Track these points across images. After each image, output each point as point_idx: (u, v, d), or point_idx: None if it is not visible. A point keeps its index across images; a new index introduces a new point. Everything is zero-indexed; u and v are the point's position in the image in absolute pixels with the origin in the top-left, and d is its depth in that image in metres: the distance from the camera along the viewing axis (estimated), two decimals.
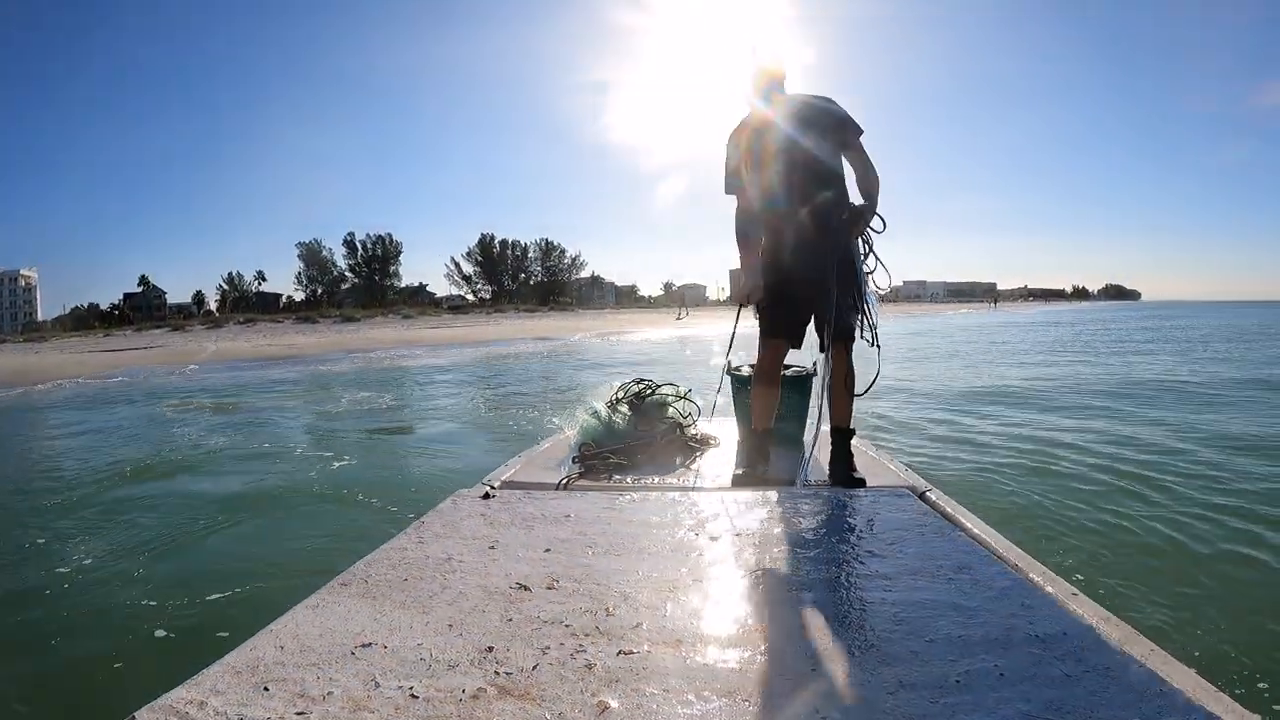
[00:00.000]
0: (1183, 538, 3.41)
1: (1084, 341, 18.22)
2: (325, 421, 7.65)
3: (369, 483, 4.60)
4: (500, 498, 2.00)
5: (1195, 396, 7.97)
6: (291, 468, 5.24)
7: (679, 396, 3.05)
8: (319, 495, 4.44)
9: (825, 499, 1.97)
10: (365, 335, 21.51)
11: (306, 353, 15.90)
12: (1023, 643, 1.07)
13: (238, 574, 3.02)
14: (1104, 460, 5.06)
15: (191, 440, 6.56)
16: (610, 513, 1.84)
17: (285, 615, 1.17)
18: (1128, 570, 3.00)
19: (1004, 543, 1.60)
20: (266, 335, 21.54)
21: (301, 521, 3.93)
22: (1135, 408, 7.23)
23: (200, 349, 18.27)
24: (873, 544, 1.57)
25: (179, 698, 0.91)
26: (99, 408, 9.66)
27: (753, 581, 1.36)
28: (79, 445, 6.67)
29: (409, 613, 1.19)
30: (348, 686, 0.95)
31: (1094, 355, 13.89)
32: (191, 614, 2.67)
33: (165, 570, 3.15)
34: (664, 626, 1.15)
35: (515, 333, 23.43)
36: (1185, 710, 0.89)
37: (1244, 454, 5.10)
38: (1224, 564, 3.05)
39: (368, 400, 9.26)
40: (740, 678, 0.98)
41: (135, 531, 3.75)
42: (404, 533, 1.64)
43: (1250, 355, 13.23)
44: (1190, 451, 5.26)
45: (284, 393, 10.52)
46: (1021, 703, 0.91)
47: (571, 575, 1.39)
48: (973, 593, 1.27)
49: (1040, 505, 3.98)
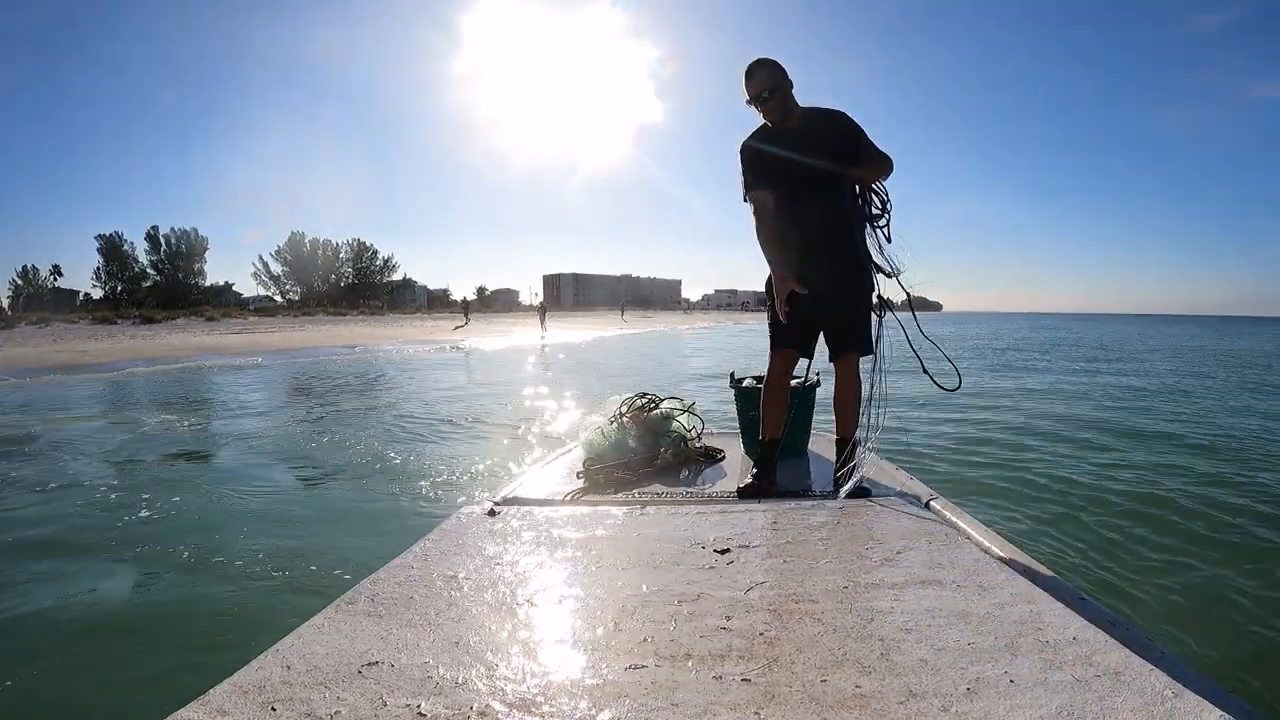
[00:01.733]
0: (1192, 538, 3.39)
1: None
2: (119, 458, 5.74)
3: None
4: (505, 514, 2.00)
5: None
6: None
7: (683, 409, 3.07)
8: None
9: (831, 509, 1.96)
10: (165, 341, 19.64)
11: (100, 360, 13.95)
12: (1032, 649, 1.07)
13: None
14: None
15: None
16: (615, 527, 1.84)
17: (291, 634, 1.17)
18: (1137, 574, 3.00)
19: (1010, 549, 1.60)
20: (59, 340, 19.12)
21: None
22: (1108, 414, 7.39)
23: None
24: (880, 553, 1.56)
25: (185, 718, 0.91)
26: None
27: (760, 593, 1.35)
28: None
29: (415, 631, 1.19)
30: (355, 705, 0.95)
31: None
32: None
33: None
34: (671, 640, 1.15)
35: (323, 340, 22.03)
36: (1197, 714, 0.87)
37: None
38: (1234, 565, 3.06)
39: (165, 432, 6.88)
40: (749, 690, 0.98)
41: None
42: (409, 550, 1.64)
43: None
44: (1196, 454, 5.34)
45: (70, 414, 8.13)
46: (1032, 709, 0.90)
47: (577, 590, 1.39)
48: (980, 600, 1.27)
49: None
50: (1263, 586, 2.86)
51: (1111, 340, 28.58)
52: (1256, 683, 2.14)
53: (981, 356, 17.51)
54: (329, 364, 14.35)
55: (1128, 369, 14.52)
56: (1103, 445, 6.02)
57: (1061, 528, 3.68)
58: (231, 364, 14.27)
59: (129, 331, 23.58)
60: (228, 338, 21.89)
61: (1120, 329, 48.68)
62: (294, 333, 25.33)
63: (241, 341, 20.33)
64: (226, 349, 17.76)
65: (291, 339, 22.11)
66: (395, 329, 29.29)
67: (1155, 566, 3.09)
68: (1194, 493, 4.34)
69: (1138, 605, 2.65)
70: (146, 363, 13.88)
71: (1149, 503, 4.11)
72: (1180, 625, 2.51)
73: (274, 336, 22.81)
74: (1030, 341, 26.55)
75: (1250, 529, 3.62)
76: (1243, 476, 4.85)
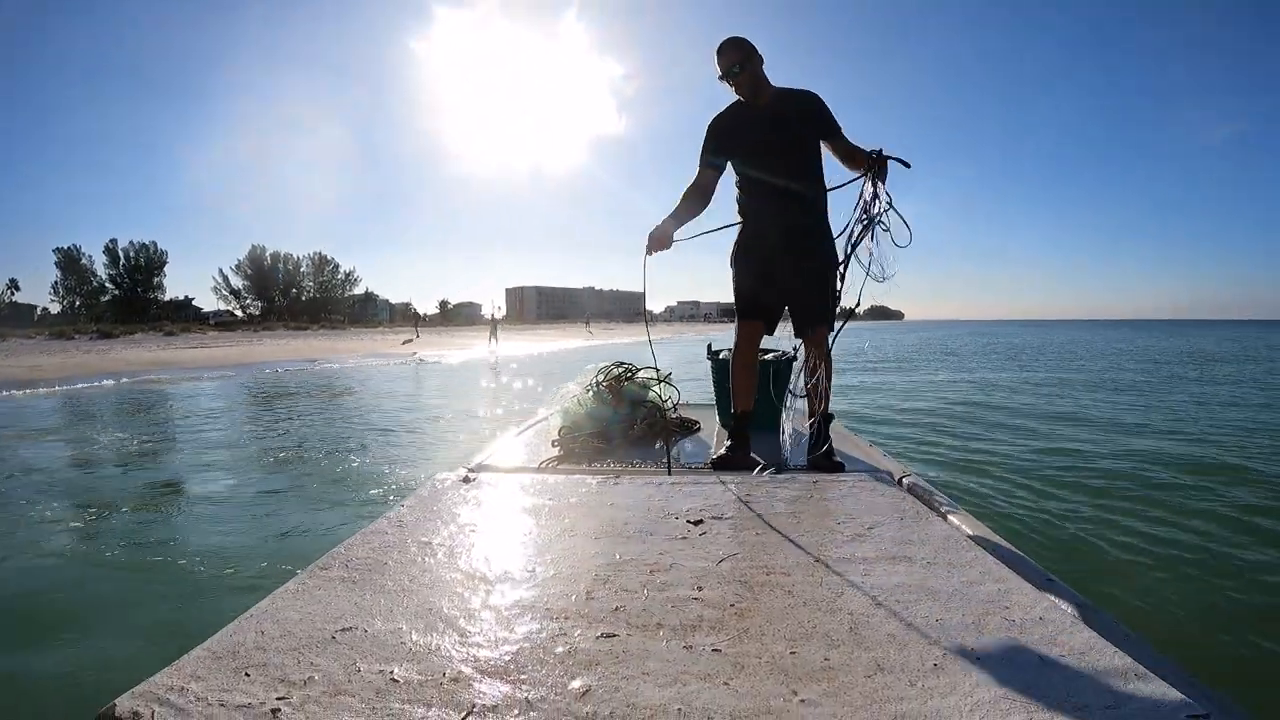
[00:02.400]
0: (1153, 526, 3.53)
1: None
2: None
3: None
4: (479, 481, 2.00)
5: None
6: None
7: (659, 380, 3.06)
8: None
9: (804, 483, 1.97)
10: (120, 356, 19.08)
11: (49, 375, 13.47)
12: (999, 627, 1.08)
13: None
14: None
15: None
16: (589, 496, 1.85)
17: (266, 600, 1.16)
18: (1107, 558, 3.08)
19: (981, 528, 1.61)
20: (11, 355, 18.57)
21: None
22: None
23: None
24: (851, 528, 1.58)
25: (159, 684, 0.90)
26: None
27: (732, 565, 1.36)
28: None
29: (389, 597, 1.19)
30: (328, 670, 0.95)
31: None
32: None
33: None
34: (643, 609, 1.15)
35: (282, 354, 21.47)
36: (1160, 694, 0.89)
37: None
38: (1200, 553, 3.14)
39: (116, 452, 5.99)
40: (719, 660, 0.99)
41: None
42: (384, 516, 1.63)
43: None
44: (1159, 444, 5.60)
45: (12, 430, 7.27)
46: (997, 686, 0.91)
47: (550, 558, 1.39)
48: (949, 577, 1.28)
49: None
50: (1226, 569, 2.95)
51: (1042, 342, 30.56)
52: (1221, 667, 2.19)
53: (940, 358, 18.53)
54: (285, 378, 14.06)
55: (1092, 367, 15.54)
56: (1073, 435, 6.31)
57: (1032, 509, 3.79)
58: (184, 378, 14.01)
59: (84, 347, 23.14)
60: (184, 352, 21.54)
61: (1062, 334, 51.99)
62: (253, 346, 24.97)
63: (197, 355, 20.04)
64: (179, 364, 17.43)
65: (251, 353, 21.73)
66: (355, 342, 28.76)
67: (1123, 550, 3.18)
68: (1163, 481, 4.53)
69: (1105, 587, 2.71)
70: (99, 379, 13.38)
71: (1114, 489, 4.24)
72: (1146, 609, 2.57)
73: (231, 351, 22.46)
74: (974, 346, 28.25)
75: (1216, 516, 3.73)
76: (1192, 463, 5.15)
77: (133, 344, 25.21)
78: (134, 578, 2.95)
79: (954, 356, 20.92)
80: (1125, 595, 2.66)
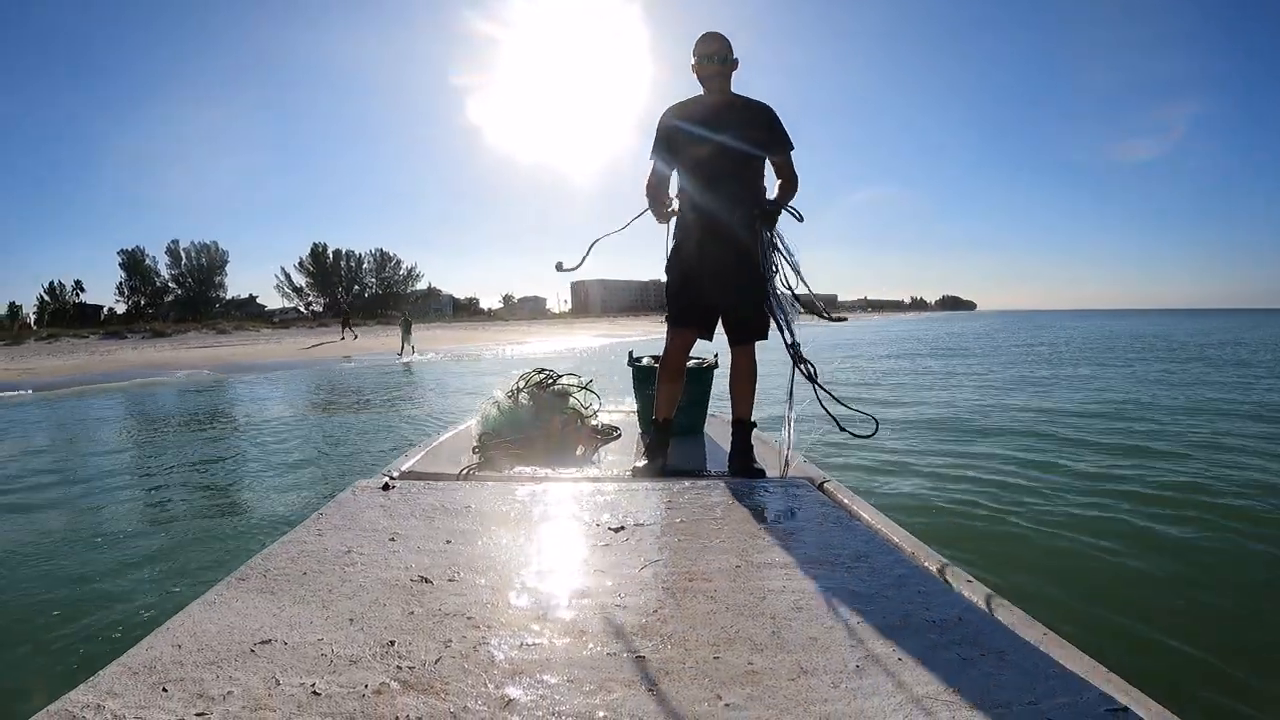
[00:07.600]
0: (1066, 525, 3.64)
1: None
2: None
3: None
4: (400, 488, 1.96)
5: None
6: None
7: (580, 387, 3.06)
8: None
9: (726, 489, 2.00)
10: (122, 357, 19.06)
11: (40, 377, 13.36)
12: (920, 628, 1.11)
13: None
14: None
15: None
16: (511, 503, 1.84)
17: (181, 613, 1.12)
18: (1023, 559, 3.18)
19: (900, 532, 1.66)
20: (15, 359, 18.32)
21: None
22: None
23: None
24: (773, 534, 1.61)
25: (76, 701, 0.87)
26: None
27: (654, 571, 1.38)
28: None
29: (309, 608, 1.16)
30: (248, 685, 0.92)
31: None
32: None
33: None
34: (566, 618, 1.16)
35: (314, 354, 21.20)
36: (1078, 691, 0.93)
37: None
38: (1114, 549, 3.27)
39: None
40: (643, 667, 1.00)
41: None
42: (302, 524, 1.59)
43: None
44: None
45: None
46: (919, 686, 0.94)
47: (473, 567, 1.39)
48: (870, 580, 1.32)
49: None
50: (1144, 569, 3.06)
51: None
52: (1139, 659, 2.25)
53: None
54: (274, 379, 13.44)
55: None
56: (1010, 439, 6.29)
57: (952, 512, 3.88)
58: (167, 380, 13.34)
59: (132, 345, 23.87)
60: (193, 352, 21.53)
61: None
62: (255, 346, 24.66)
63: (196, 356, 19.83)
64: (177, 364, 17.02)
65: (270, 351, 21.68)
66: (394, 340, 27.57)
67: (1038, 546, 3.31)
68: (1091, 472, 4.68)
69: (1022, 584, 2.79)
70: (71, 380, 12.83)
71: (1043, 496, 4.29)
72: (1063, 605, 2.66)
73: (221, 351, 22.09)
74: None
75: (1130, 506, 3.90)
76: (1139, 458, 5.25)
77: (180, 342, 26.22)
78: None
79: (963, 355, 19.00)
80: (1042, 591, 2.76)
